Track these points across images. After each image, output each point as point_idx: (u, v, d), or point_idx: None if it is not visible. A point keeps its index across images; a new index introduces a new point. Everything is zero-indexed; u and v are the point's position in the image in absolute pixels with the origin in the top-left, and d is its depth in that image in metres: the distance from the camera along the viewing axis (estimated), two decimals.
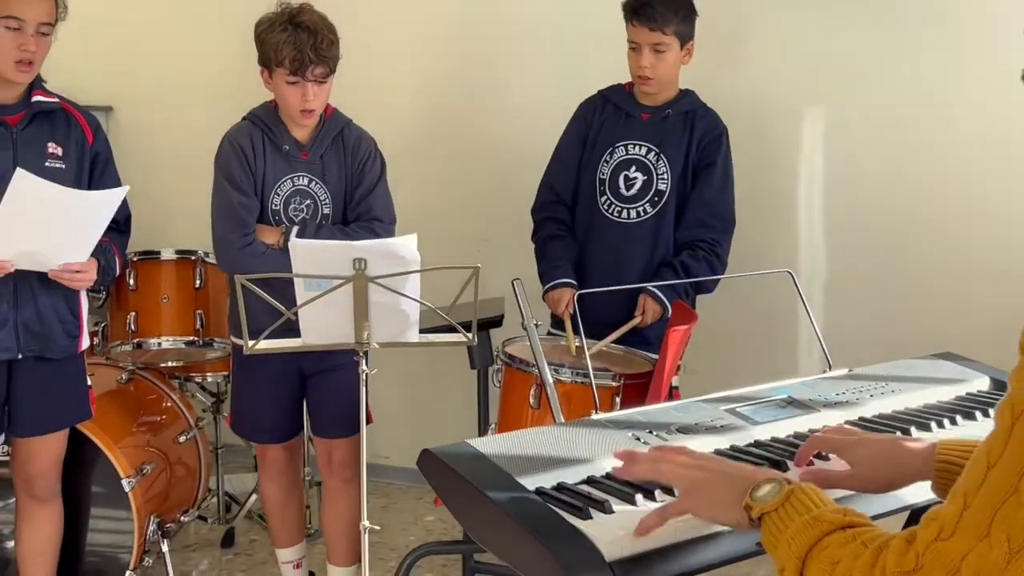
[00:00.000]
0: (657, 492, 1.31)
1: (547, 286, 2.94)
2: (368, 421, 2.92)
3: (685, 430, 1.51)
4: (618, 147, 2.99)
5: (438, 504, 2.70)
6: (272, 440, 2.96)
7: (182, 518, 3.27)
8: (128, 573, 2.95)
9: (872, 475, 1.33)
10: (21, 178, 2.31)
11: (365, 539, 2.34)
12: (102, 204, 2.49)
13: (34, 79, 2.57)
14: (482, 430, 2.99)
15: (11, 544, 3.02)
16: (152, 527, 2.99)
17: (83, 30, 4.28)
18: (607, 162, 2.99)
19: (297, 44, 2.64)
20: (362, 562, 2.37)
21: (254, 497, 3.52)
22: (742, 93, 3.48)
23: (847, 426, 1.52)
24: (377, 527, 2.44)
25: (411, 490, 4.07)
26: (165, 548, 3.03)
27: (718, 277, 2.92)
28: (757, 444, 1.52)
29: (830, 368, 1.91)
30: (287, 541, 3.08)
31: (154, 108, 4.37)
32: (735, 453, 1.48)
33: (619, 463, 1.35)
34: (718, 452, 1.47)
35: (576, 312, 2.08)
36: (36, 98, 2.57)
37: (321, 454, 2.99)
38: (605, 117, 3.04)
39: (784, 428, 1.58)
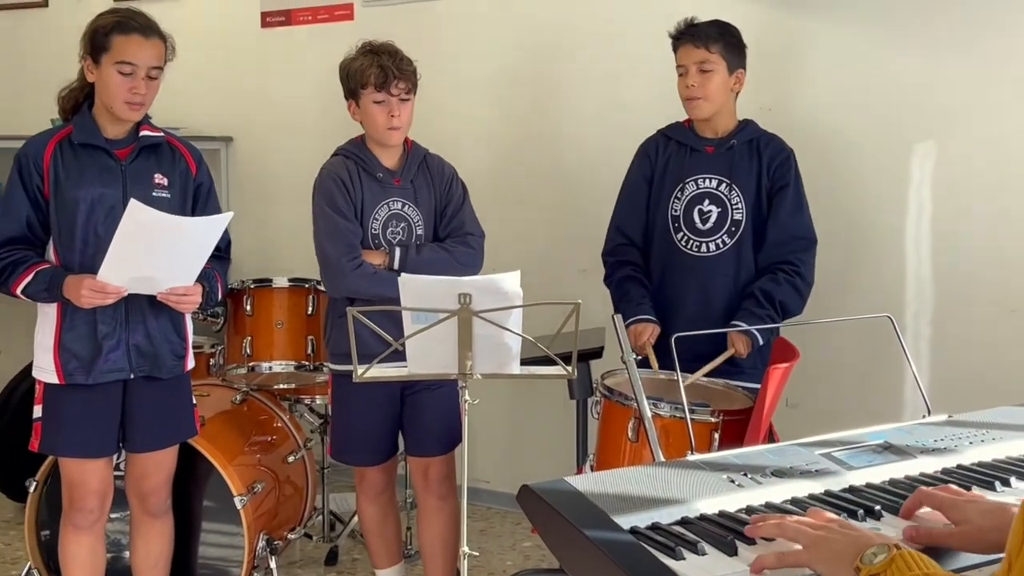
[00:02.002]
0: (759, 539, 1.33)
1: (628, 321, 2.96)
2: (460, 441, 3.01)
3: (780, 474, 1.53)
4: (688, 182, 3.01)
5: (534, 532, 2.75)
6: (370, 462, 3.06)
7: (289, 535, 3.38)
8: None
9: (977, 536, 1.34)
10: (135, 208, 2.45)
11: (464, 565, 2.40)
12: (208, 229, 2.62)
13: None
14: (580, 460, 3.03)
15: (129, 553, 3.17)
16: (261, 543, 3.11)
17: (205, 67, 4.51)
18: (678, 198, 3.02)
19: (380, 63, 2.86)
20: None
21: (357, 517, 3.62)
22: (851, 128, 3.48)
23: (953, 486, 1.51)
24: (476, 553, 2.50)
25: (509, 515, 4.12)
26: (273, 565, 3.14)
27: (804, 300, 2.94)
28: (851, 490, 1.52)
29: (929, 413, 1.90)
30: (386, 562, 3.17)
31: (271, 139, 4.56)
32: (828, 498, 1.49)
33: (712, 505, 1.40)
34: (812, 497, 1.49)
35: (673, 348, 2.10)
36: (143, 133, 2.72)
37: (416, 472, 3.08)
38: (669, 154, 3.07)
39: (880, 474, 1.58)
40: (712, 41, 2.91)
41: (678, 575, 1.24)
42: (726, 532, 1.35)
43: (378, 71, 2.85)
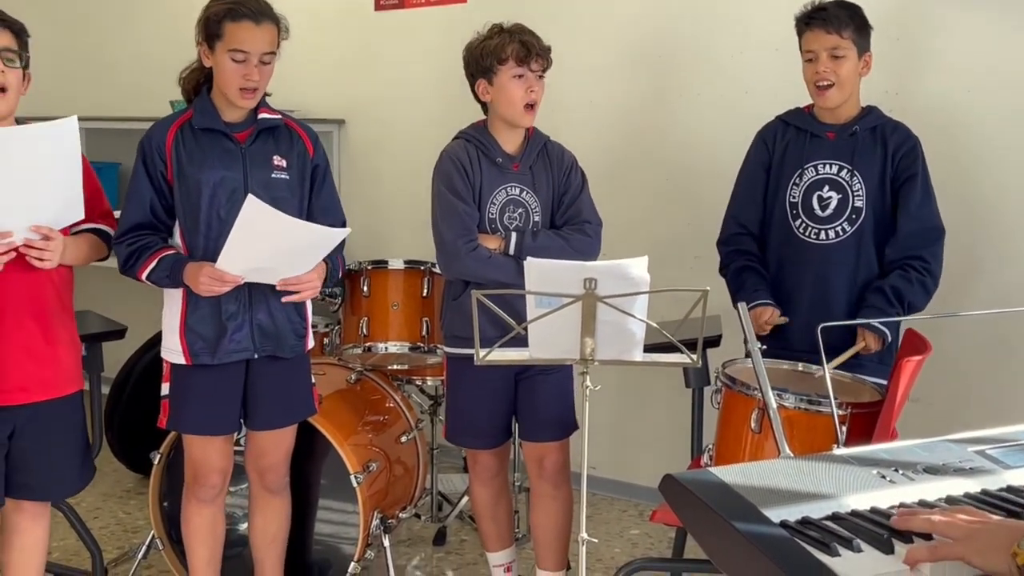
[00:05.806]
0: (913, 536, 1.29)
1: (749, 306, 2.89)
2: (575, 427, 3.00)
3: (932, 471, 1.48)
4: (807, 168, 2.94)
5: (653, 520, 2.72)
6: (484, 446, 3.06)
7: (400, 515, 3.41)
8: (352, 564, 3.09)
9: None
10: (251, 203, 2.45)
11: (583, 551, 2.39)
12: (323, 240, 2.63)
13: None
14: (695, 450, 2.99)
15: (243, 526, 3.23)
16: (376, 522, 3.14)
17: (318, 50, 4.57)
18: (797, 184, 2.94)
19: (522, 39, 2.86)
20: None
21: (465, 499, 3.65)
22: (983, 113, 3.36)
23: None
24: (595, 540, 2.48)
25: (616, 502, 4.10)
26: (387, 543, 3.17)
27: (930, 298, 2.86)
28: (1010, 489, 1.46)
29: None
30: (498, 545, 3.17)
31: (382, 122, 4.60)
32: (986, 497, 1.44)
33: (863, 501, 1.36)
34: (968, 495, 1.44)
35: (820, 338, 2.07)
36: (261, 115, 2.74)
37: (532, 459, 3.07)
38: (788, 140, 2.99)
39: None
40: (844, 26, 2.82)
41: (834, 572, 1.21)
42: (882, 529, 1.31)
43: (519, 46, 2.85)
